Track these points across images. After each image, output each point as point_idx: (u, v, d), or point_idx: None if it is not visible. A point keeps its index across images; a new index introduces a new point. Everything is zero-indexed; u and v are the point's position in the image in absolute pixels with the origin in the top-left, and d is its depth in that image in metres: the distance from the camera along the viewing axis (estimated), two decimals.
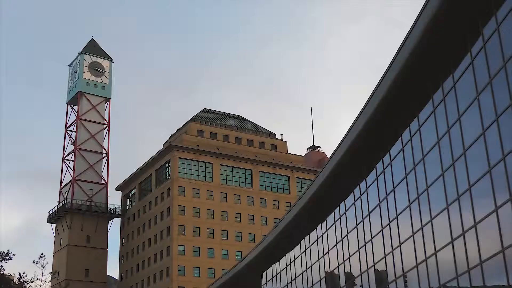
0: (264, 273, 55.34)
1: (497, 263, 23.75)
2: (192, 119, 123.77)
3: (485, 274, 24.72)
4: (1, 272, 43.54)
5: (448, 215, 27.52)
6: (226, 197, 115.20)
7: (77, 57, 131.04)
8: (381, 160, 34.97)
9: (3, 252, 43.20)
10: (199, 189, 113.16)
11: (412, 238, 31.02)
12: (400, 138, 32.67)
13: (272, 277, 53.61)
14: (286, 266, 50.45)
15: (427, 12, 25.61)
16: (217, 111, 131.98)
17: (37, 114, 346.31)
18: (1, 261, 43.05)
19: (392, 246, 33.30)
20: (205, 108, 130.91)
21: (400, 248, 32.34)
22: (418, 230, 30.37)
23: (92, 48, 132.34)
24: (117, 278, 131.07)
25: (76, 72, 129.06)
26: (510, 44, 23.11)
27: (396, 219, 32.97)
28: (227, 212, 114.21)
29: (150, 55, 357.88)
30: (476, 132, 25.33)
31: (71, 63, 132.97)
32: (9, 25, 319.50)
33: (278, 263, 52.25)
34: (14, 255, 43.48)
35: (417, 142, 30.76)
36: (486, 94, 24.71)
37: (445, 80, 27.95)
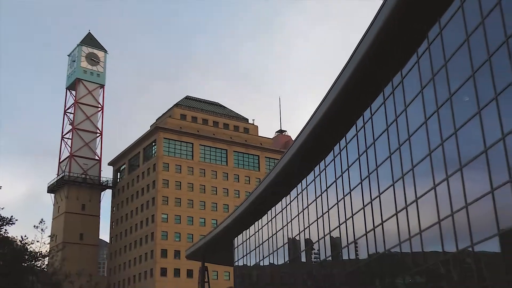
0: (236, 238, 55.48)
1: (434, 232, 24.08)
2: (176, 105, 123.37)
3: (424, 241, 25.04)
4: (5, 235, 42.97)
5: (394, 191, 27.77)
6: (204, 173, 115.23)
7: (75, 48, 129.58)
8: (338, 143, 35.09)
9: (7, 217, 42.61)
10: (181, 166, 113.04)
11: (362, 210, 31.27)
12: (355, 125, 32.80)
13: (243, 241, 53.78)
14: (255, 232, 50.60)
15: (380, 18, 25.68)
16: (198, 98, 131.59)
17: (39, 98, 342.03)
18: (5, 225, 42.46)
19: (345, 216, 33.52)
20: (187, 96, 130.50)
21: (352, 218, 32.58)
22: (368, 204, 30.62)
23: (89, 40, 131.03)
24: (108, 241, 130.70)
25: (74, 61, 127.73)
26: (451, 46, 23.33)
27: (349, 194, 33.18)
28: (204, 186, 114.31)
29: (140, 48, 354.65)
30: (419, 121, 25.56)
31: (70, 53, 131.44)
32: (19, 21, 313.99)
33: (248, 230, 52.41)
34: (16, 220, 42.83)
35: (369, 128, 30.92)
36: (429, 89, 24.93)
37: (395, 76, 28.08)
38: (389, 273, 28.73)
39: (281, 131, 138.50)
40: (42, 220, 45.89)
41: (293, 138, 39.71)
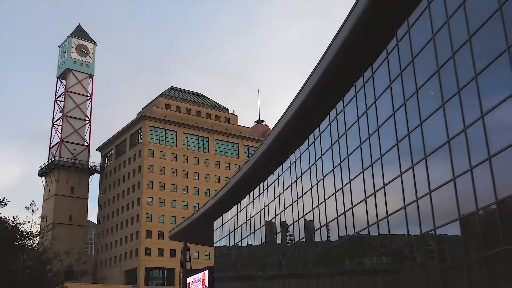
0: (216, 221, 55.49)
1: (400, 217, 24.27)
2: (161, 95, 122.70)
3: (390, 225, 25.24)
4: None
5: (363, 178, 27.92)
6: (187, 159, 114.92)
7: (66, 39, 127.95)
8: (313, 133, 35.15)
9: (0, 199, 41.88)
10: (165, 152, 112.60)
11: (334, 195, 31.40)
12: (328, 116, 32.85)
13: (223, 224, 53.81)
14: (234, 215, 50.64)
15: (352, 17, 25.68)
16: (182, 89, 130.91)
17: (31, 86, 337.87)
18: None
19: (318, 201, 33.64)
20: (172, 86, 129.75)
21: (325, 203, 32.71)
22: (339, 189, 30.75)
23: (79, 32, 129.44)
24: (96, 222, 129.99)
25: (65, 52, 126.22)
26: (418, 44, 23.43)
27: (322, 180, 33.27)
28: (187, 171, 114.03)
29: (129, 40, 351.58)
30: (388, 113, 25.66)
31: (61, 45, 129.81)
32: (14, 13, 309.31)
33: (227, 213, 52.43)
34: (9, 201, 42.04)
35: (342, 119, 30.99)
36: (397, 83, 25.04)
37: (366, 70, 28.15)
38: (357, 254, 28.94)
39: (259, 121, 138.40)
40: (33, 201, 45.23)
41: (271, 128, 39.68)
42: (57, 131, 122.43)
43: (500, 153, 17.87)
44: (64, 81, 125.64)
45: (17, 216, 43.46)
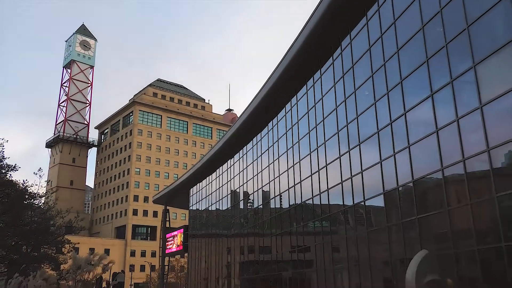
0: (192, 189, 55.32)
1: (337, 190, 24.56)
2: (149, 85, 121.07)
3: (330, 196, 25.51)
4: (10, 179, 41.28)
5: (310, 158, 28.09)
6: (170, 139, 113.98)
7: (71, 36, 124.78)
8: (271, 121, 35.18)
9: (12, 165, 40.92)
10: (151, 132, 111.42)
11: (287, 171, 31.57)
12: (284, 108, 32.92)
13: (197, 191, 53.66)
14: (206, 185, 50.53)
15: (307, 29, 25.65)
16: (167, 80, 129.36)
17: (41, 73, 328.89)
18: (10, 171, 40.76)
19: (274, 175, 33.79)
20: (159, 78, 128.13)
21: (279, 177, 32.87)
22: (291, 166, 30.92)
23: (83, 30, 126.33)
24: (93, 187, 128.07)
25: (70, 46, 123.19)
26: (357, 53, 23.59)
27: (278, 159, 33.39)
28: (169, 148, 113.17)
29: (125, 39, 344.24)
30: (332, 107, 25.83)
31: (67, 39, 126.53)
32: (31, 15, 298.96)
33: (201, 183, 52.28)
34: (20, 167, 41.10)
35: (295, 111, 31.06)
36: (340, 84, 25.21)
37: (315, 72, 28.21)
38: (303, 219, 29.28)
39: (229, 110, 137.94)
40: (40, 168, 44.41)
41: (238, 116, 39.51)
42: (62, 111, 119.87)
43: (417, 142, 18.29)
44: (69, 70, 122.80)
45: (26, 180, 42.57)
